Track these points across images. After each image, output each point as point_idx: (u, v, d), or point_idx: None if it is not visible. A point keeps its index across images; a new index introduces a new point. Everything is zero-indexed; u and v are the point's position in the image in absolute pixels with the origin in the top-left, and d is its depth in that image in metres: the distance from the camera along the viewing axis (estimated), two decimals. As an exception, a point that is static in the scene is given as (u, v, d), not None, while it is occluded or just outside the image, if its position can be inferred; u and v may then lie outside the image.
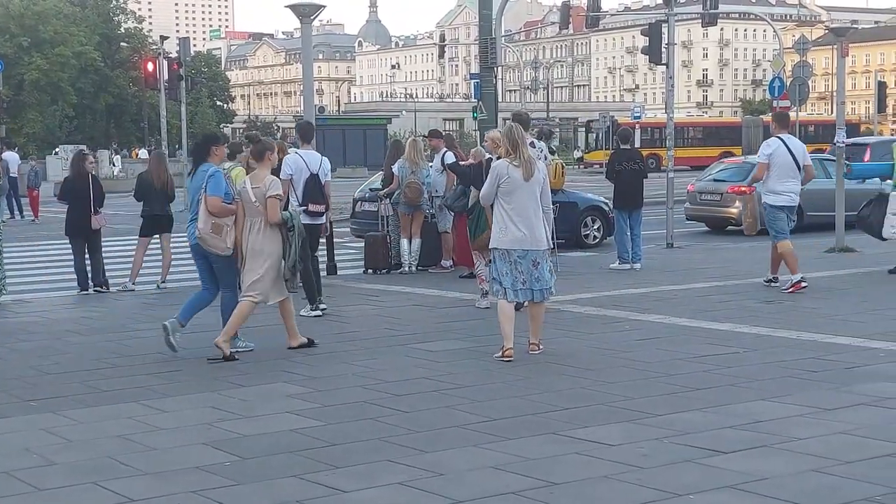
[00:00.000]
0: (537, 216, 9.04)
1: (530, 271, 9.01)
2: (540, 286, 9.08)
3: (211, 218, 9.26)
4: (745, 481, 5.56)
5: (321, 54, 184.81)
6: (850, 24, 51.08)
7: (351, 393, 7.83)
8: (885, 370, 8.18)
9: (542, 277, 9.07)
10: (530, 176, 8.95)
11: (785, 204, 12.69)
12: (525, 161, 8.97)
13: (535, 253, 9.02)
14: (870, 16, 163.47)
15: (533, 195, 9.00)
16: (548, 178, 9.32)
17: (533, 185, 8.99)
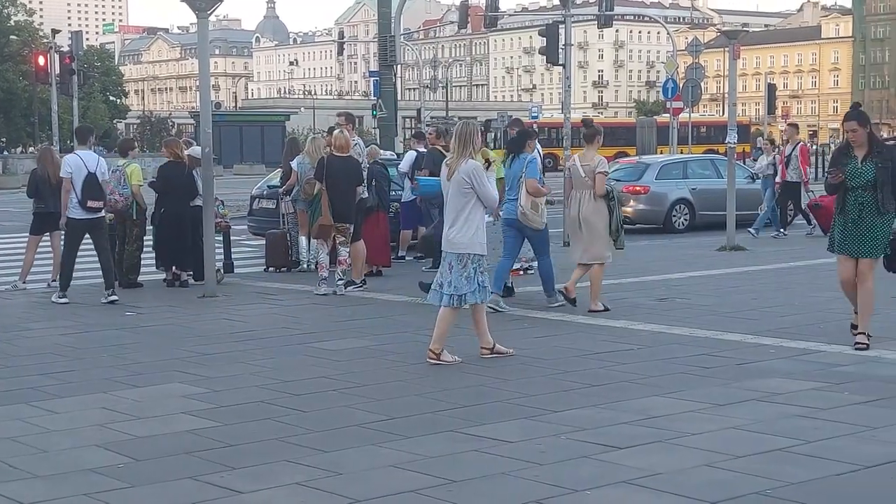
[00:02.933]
0: (458, 217, 8.75)
1: (446, 274, 8.80)
2: (449, 291, 8.75)
3: (530, 198, 11.04)
4: (639, 476, 5.64)
5: (217, 50, 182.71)
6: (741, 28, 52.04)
7: (248, 393, 7.76)
8: (774, 366, 8.37)
9: (454, 282, 8.73)
10: (451, 175, 8.80)
11: None
12: (452, 160, 8.85)
13: (450, 255, 8.80)
14: (760, 19, 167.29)
15: (454, 196, 8.80)
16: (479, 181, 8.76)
17: (454, 186, 8.79)
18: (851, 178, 8.87)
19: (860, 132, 8.88)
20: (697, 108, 52.63)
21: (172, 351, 9.42)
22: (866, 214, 8.83)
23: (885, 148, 9.02)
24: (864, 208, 8.83)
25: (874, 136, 9.02)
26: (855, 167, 8.89)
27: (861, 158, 8.90)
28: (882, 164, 8.80)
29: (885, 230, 8.87)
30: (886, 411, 6.92)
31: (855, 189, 8.86)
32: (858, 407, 7.06)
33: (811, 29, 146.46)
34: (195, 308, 12.08)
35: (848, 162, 8.96)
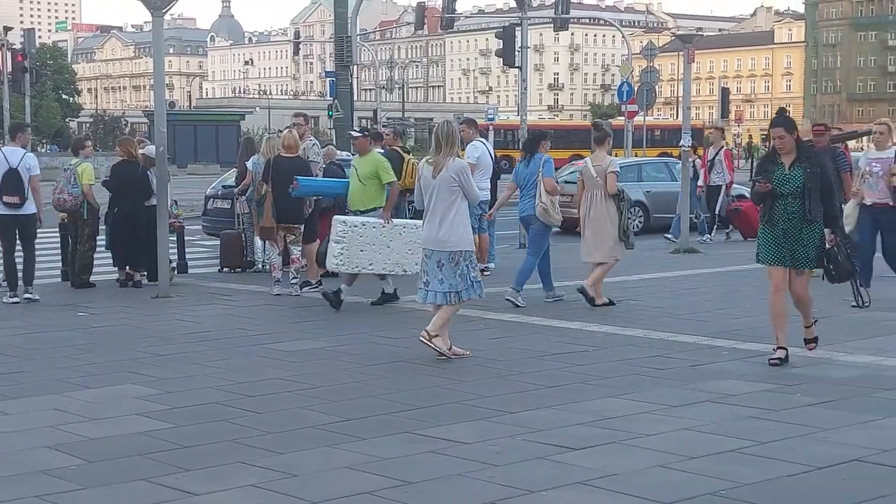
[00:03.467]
0: (446, 216, 8.83)
1: (434, 272, 8.88)
2: (444, 288, 8.86)
3: (548, 196, 11.66)
4: (594, 477, 5.67)
5: (172, 48, 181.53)
6: (695, 32, 52.55)
7: (202, 394, 7.71)
8: (728, 368, 8.44)
9: (447, 279, 8.85)
10: (437, 174, 8.85)
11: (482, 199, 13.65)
12: (437, 159, 8.89)
13: (438, 254, 8.86)
14: (714, 23, 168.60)
15: (441, 194, 8.85)
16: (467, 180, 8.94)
17: (442, 184, 8.84)
18: (779, 185, 8.47)
19: (787, 139, 8.50)
20: (652, 111, 52.98)
21: (126, 352, 9.34)
22: (795, 223, 8.42)
23: (814, 153, 8.72)
24: (793, 217, 8.42)
25: (802, 142, 8.69)
26: (782, 174, 8.49)
27: (788, 165, 8.51)
28: (811, 170, 8.41)
29: (816, 238, 8.48)
30: (837, 413, 7.00)
31: (783, 197, 8.45)
32: (810, 408, 7.13)
33: (764, 34, 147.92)
34: (149, 309, 11.99)
35: (774, 169, 8.55)
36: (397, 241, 11.49)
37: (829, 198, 8.46)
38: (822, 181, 8.42)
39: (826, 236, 8.48)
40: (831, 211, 8.51)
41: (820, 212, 8.40)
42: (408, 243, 11.44)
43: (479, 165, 14.03)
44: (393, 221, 11.64)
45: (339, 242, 11.41)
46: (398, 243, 11.50)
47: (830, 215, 8.49)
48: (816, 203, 8.37)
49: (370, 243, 11.44)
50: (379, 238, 11.46)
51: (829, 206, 8.48)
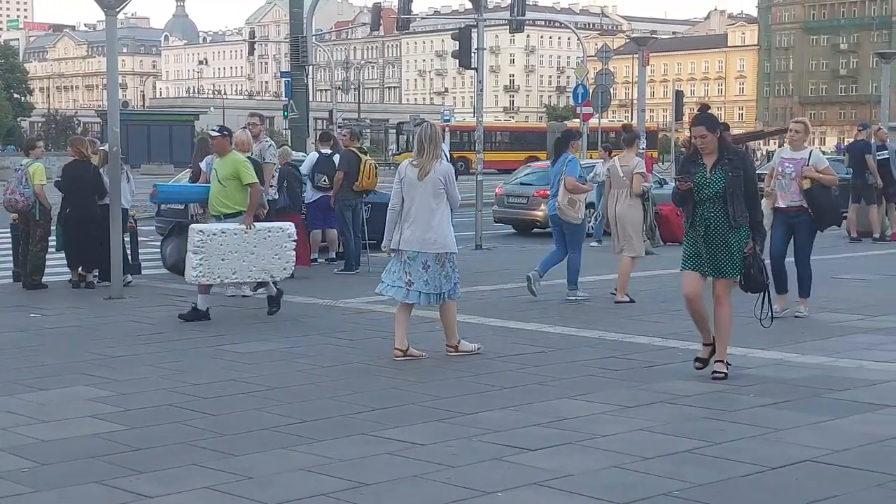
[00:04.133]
0: (433, 218, 8.86)
1: (420, 273, 8.85)
2: (428, 290, 8.89)
3: (567, 194, 11.88)
4: (550, 478, 5.68)
5: (125, 48, 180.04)
6: (650, 35, 52.72)
7: (156, 396, 7.65)
8: (682, 369, 8.49)
9: (432, 281, 8.88)
10: (424, 176, 8.85)
11: None
12: (422, 161, 8.90)
13: (425, 255, 8.85)
14: (668, 26, 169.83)
15: (427, 196, 8.86)
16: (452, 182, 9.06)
17: (429, 186, 8.86)
18: (699, 189, 7.95)
19: (710, 138, 7.96)
20: (607, 113, 53.23)
21: (78, 353, 9.26)
22: (717, 229, 7.93)
23: (738, 154, 8.14)
24: (714, 222, 7.93)
25: (726, 142, 8.15)
26: (703, 177, 7.98)
27: (710, 167, 7.99)
28: (733, 172, 7.90)
29: (739, 246, 7.94)
30: (790, 413, 7.06)
31: (704, 201, 7.96)
32: (763, 409, 7.20)
33: (718, 37, 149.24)
34: (102, 310, 11.89)
35: (696, 171, 8.04)
36: (262, 247, 11.01)
37: (753, 202, 8.00)
38: (746, 184, 7.94)
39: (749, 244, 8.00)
40: (755, 216, 8.04)
41: (745, 216, 7.92)
42: (274, 248, 11.05)
43: None
44: (255, 226, 11.08)
45: (197, 253, 10.77)
46: (264, 248, 11.01)
47: (753, 219, 8.01)
48: (740, 207, 7.89)
49: (232, 251, 10.86)
50: (242, 245, 10.91)
51: (754, 212, 8.02)
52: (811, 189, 10.75)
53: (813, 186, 10.76)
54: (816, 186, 10.77)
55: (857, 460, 5.97)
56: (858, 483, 5.60)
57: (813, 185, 10.76)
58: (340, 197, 14.80)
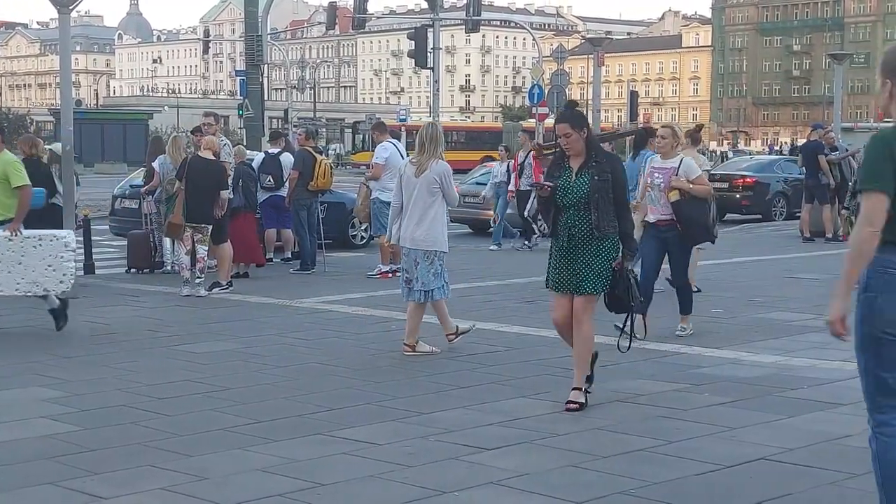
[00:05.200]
0: (425, 215, 8.97)
1: (412, 270, 9.03)
2: (419, 287, 9.02)
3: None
4: (506, 477, 5.69)
5: (79, 46, 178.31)
6: (604, 35, 52.96)
7: (110, 396, 7.59)
8: (637, 368, 8.54)
9: (421, 278, 9.01)
10: (420, 174, 8.97)
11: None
12: (421, 159, 9.03)
13: (415, 252, 9.00)
14: (623, 27, 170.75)
15: (421, 194, 8.97)
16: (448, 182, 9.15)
17: (424, 185, 8.97)
18: (563, 194, 7.13)
19: (574, 137, 7.10)
20: (563, 113, 53.34)
21: (31, 354, 9.15)
22: (581, 240, 7.10)
23: (607, 157, 7.29)
24: (578, 232, 7.10)
25: (594, 143, 7.29)
26: (567, 181, 7.14)
27: (576, 170, 7.16)
28: (600, 176, 7.06)
29: (605, 260, 7.12)
30: (744, 412, 7.12)
31: (567, 208, 7.12)
32: (718, 408, 7.25)
33: (672, 38, 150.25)
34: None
35: (560, 174, 7.21)
36: (31, 257, 10.01)
37: (623, 210, 7.17)
38: (614, 190, 7.10)
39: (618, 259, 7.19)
40: (625, 227, 7.18)
41: (612, 226, 7.09)
42: (47, 258, 10.05)
43: (388, 166, 14.09)
44: (23, 233, 10.06)
45: None
46: (33, 259, 10.00)
47: (623, 231, 7.17)
48: (607, 216, 7.06)
49: None
50: (6, 254, 9.95)
51: (624, 221, 7.17)
52: (679, 202, 9.75)
53: (681, 199, 9.75)
54: (686, 199, 9.75)
55: (810, 458, 6.04)
56: (811, 481, 5.66)
57: (682, 198, 9.75)
58: (295, 197, 14.75)
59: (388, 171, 14.07)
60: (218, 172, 12.75)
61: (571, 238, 7.13)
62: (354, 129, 66.53)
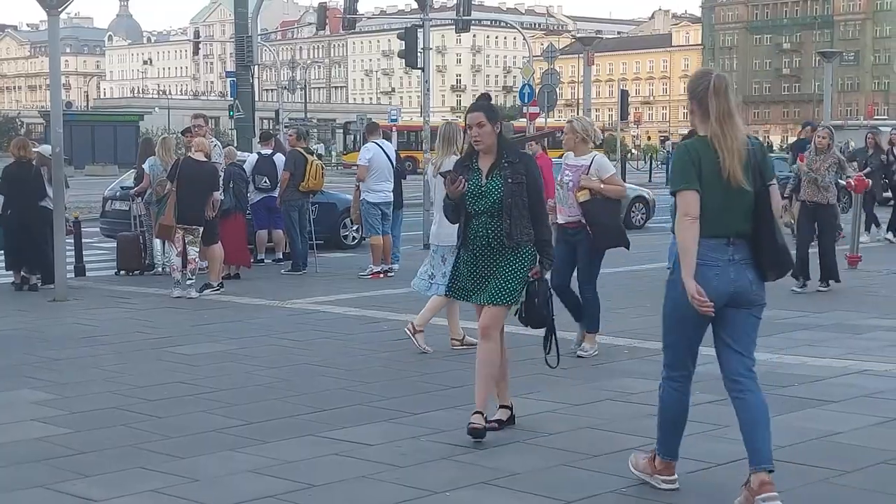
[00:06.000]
0: None
1: (439, 266, 9.14)
2: (443, 281, 9.07)
3: None
4: (498, 477, 5.70)
5: (69, 48, 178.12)
6: (595, 35, 53.05)
7: (101, 399, 7.58)
8: (628, 366, 8.56)
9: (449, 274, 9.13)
10: (438, 172, 9.06)
11: (380, 201, 14.27)
12: (439, 158, 9.21)
13: (443, 248, 9.12)
14: (613, 26, 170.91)
15: (441, 191, 9.01)
16: None
17: (440, 182, 9.04)
18: (472, 200, 6.39)
19: (488, 129, 6.36)
20: (553, 113, 53.38)
21: (21, 356, 9.14)
22: (493, 249, 6.40)
23: (521, 157, 6.59)
24: (490, 241, 6.39)
25: (506, 141, 6.63)
26: (478, 184, 6.41)
27: (486, 171, 6.43)
28: (513, 178, 6.34)
29: (519, 269, 6.40)
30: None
31: (479, 215, 6.40)
32: (708, 406, 7.25)
33: (662, 37, 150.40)
34: (45, 312, 11.75)
35: (469, 177, 6.44)
36: None
37: (539, 215, 6.50)
38: (530, 194, 6.41)
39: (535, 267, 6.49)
40: (543, 233, 6.50)
41: (528, 234, 6.41)
42: None
43: (372, 167, 14.19)
44: None
45: None
46: None
47: (540, 238, 6.48)
48: (521, 222, 6.37)
49: None
50: None
51: (541, 228, 6.49)
52: (588, 202, 8.86)
53: (592, 199, 8.87)
54: (596, 199, 8.87)
55: (800, 456, 6.05)
56: (803, 478, 5.68)
57: (592, 198, 8.87)
58: (286, 198, 14.75)
59: (375, 173, 14.19)
60: (210, 174, 12.76)
61: (483, 247, 6.41)
62: (345, 129, 66.47)
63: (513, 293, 6.42)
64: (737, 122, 5.23)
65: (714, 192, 5.08)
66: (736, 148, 5.13)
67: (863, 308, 11.44)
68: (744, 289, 5.21)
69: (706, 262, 5.10)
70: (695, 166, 5.11)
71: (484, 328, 6.45)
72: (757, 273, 5.24)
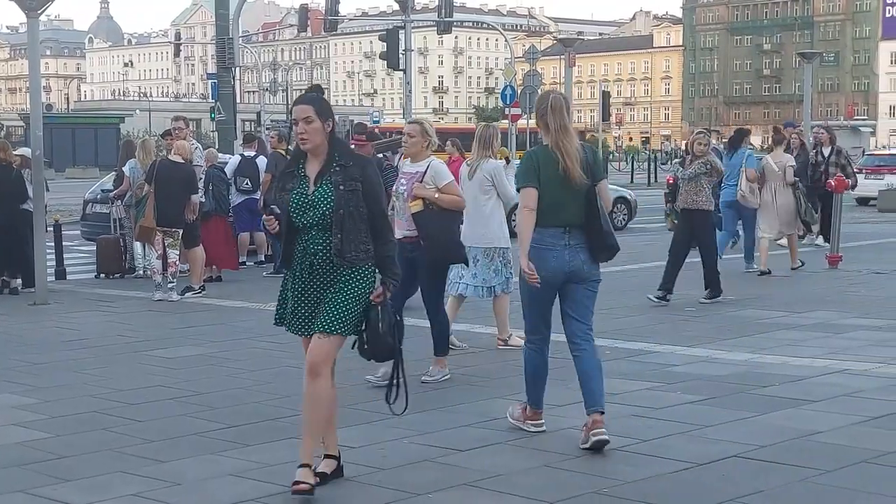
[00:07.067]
0: (478, 214, 9.18)
1: (469, 266, 9.18)
2: (476, 283, 9.33)
3: (748, 183, 14.07)
4: (481, 478, 5.70)
5: (49, 50, 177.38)
6: (576, 36, 53.17)
7: (82, 403, 7.55)
8: (610, 367, 8.51)
9: (480, 274, 9.33)
10: (472, 174, 9.26)
11: None
12: (473, 160, 9.34)
13: (475, 249, 9.18)
14: (595, 28, 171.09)
15: (475, 193, 9.17)
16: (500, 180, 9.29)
17: (476, 184, 9.22)
18: (297, 212, 5.41)
19: (317, 125, 5.41)
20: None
21: (2, 360, 9.10)
22: (325, 269, 5.40)
23: (355, 160, 5.53)
24: (319, 261, 5.40)
25: (339, 142, 5.59)
26: (303, 195, 5.42)
27: (314, 178, 5.43)
28: (346, 185, 5.37)
29: (354, 291, 5.41)
30: (716, 410, 7.15)
31: (308, 229, 5.41)
32: (690, 406, 7.28)
33: (643, 38, 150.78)
34: (25, 316, 11.71)
35: (293, 185, 5.46)
36: None
37: (380, 228, 5.52)
38: (368, 203, 5.43)
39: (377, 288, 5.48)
40: (384, 248, 5.50)
41: (366, 250, 5.43)
42: None
43: None
44: None
45: None
46: None
47: (382, 255, 5.50)
48: (356, 237, 5.40)
49: None
50: None
51: (382, 242, 5.50)
52: (421, 213, 7.97)
53: (425, 210, 8.00)
54: (431, 210, 8.03)
55: (781, 455, 6.07)
56: (783, 478, 5.69)
57: (426, 209, 8.01)
58: (268, 200, 14.70)
59: None
60: (186, 175, 12.70)
61: (313, 267, 5.41)
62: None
63: (347, 321, 5.40)
64: (570, 132, 6.30)
65: (553, 190, 6.20)
66: (572, 152, 6.21)
67: (843, 308, 11.48)
68: (578, 268, 6.34)
69: (546, 247, 6.25)
70: (536, 169, 6.22)
71: (312, 364, 5.46)
72: (590, 255, 6.35)
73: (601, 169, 6.52)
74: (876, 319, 10.66)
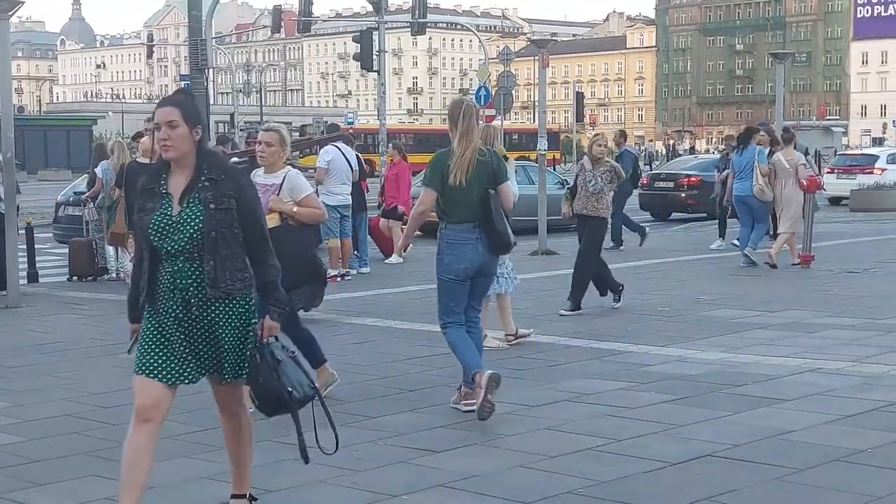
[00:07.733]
0: None
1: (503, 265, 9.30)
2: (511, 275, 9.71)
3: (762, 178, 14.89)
4: (456, 479, 5.70)
5: (20, 52, 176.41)
6: (550, 37, 53.32)
7: (55, 406, 7.50)
8: (585, 367, 8.58)
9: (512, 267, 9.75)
10: None
11: (338, 203, 14.27)
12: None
13: None
14: (568, 29, 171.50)
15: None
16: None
17: None
18: (160, 236, 4.63)
19: (182, 131, 4.64)
20: (509, 115, 53.56)
21: (-27, 365, 9.03)
22: (198, 304, 4.66)
23: (226, 173, 4.72)
24: (192, 294, 4.65)
25: (208, 153, 4.80)
26: (166, 216, 4.64)
27: (178, 197, 4.65)
28: (217, 204, 4.61)
29: (237, 329, 4.74)
30: (690, 409, 7.18)
31: (174, 256, 4.63)
32: (664, 405, 7.30)
33: (617, 39, 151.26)
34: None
35: (155, 205, 4.67)
36: None
37: (260, 252, 4.75)
38: (244, 223, 4.68)
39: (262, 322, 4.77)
40: (267, 273, 4.76)
41: (242, 278, 4.70)
42: None
43: (331, 170, 14.28)
44: None
45: None
46: None
47: (266, 281, 4.76)
48: (232, 263, 4.66)
49: None
50: None
51: (264, 267, 4.76)
52: (276, 229, 6.78)
53: (280, 225, 7.22)
54: (286, 225, 7.31)
55: (755, 454, 6.10)
56: (757, 476, 5.72)
57: (281, 223, 7.25)
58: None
59: (333, 175, 14.24)
60: None
61: (186, 300, 4.66)
62: (302, 132, 66.24)
63: (242, 363, 4.83)
64: (473, 138, 7.04)
65: (457, 189, 6.95)
66: (467, 157, 6.98)
67: (817, 307, 11.55)
68: (487, 260, 7.13)
69: (461, 241, 7.00)
70: (439, 171, 7.02)
71: (225, 405, 5.07)
72: (489, 250, 7.10)
73: (504, 174, 7.21)
74: (849, 318, 10.73)
